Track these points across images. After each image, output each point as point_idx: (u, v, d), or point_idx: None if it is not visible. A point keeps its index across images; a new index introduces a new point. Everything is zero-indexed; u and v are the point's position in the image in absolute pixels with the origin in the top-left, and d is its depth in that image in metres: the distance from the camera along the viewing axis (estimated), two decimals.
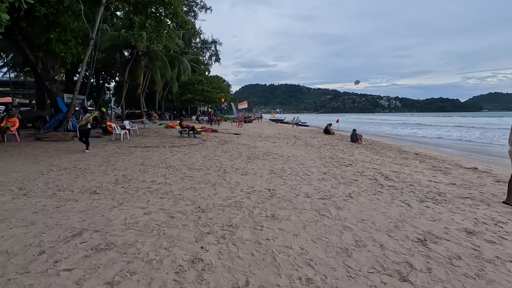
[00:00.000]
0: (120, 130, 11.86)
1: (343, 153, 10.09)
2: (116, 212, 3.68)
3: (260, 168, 6.91)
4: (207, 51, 56.63)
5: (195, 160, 7.77)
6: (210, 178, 5.73)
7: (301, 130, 24.85)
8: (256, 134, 17.69)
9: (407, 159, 9.47)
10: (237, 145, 11.27)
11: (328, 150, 10.79)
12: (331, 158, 8.87)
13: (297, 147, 11.53)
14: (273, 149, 10.59)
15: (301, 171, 6.61)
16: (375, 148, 12.63)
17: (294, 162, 7.90)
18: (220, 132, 17.45)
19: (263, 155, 8.92)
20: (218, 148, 10.20)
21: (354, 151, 11.00)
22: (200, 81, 40.07)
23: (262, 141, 13.21)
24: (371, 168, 7.35)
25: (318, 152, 10.11)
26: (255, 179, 5.70)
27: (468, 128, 33.20)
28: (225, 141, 12.46)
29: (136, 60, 25.19)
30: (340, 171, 6.77)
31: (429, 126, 37.56)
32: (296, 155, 9.25)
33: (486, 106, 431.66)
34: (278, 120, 55.53)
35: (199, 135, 14.89)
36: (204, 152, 9.25)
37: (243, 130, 21.53)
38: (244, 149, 10.27)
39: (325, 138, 16.30)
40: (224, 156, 8.48)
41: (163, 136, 13.53)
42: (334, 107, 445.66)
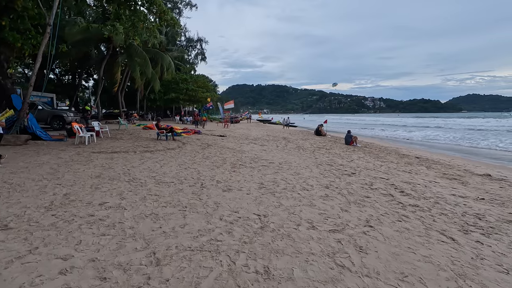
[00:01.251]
0: (85, 132, 10.25)
1: (341, 158, 8.94)
2: (12, 270, 2.28)
3: (247, 180, 5.60)
4: (192, 50, 54.88)
5: (168, 169, 6.37)
6: (181, 197, 4.37)
7: (291, 131, 23.72)
8: (243, 136, 16.38)
9: (412, 165, 8.43)
10: (221, 149, 9.92)
11: (324, 155, 9.62)
12: (329, 164, 7.68)
13: (289, 151, 10.30)
14: (262, 153, 9.32)
15: (298, 184, 5.36)
16: (373, 151, 11.60)
17: (288, 170, 6.65)
18: (203, 133, 16.01)
19: (251, 162, 7.63)
20: (199, 154, 8.82)
21: (352, 155, 9.89)
22: (184, 79, 38.36)
23: (249, 144, 11.91)
24: (378, 178, 6.20)
25: (313, 157, 8.91)
26: (240, 198, 4.39)
27: (457, 130, 33.20)
28: (208, 145, 11.08)
29: (113, 56, 23.33)
30: (345, 183, 5.57)
31: (421, 127, 37.37)
32: (288, 161, 8.02)
33: (465, 107, 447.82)
34: (265, 121, 54.39)
35: (179, 137, 13.42)
36: (181, 158, 7.85)
37: (229, 131, 20.16)
38: (228, 154, 8.94)
39: (318, 140, 15.19)
40: (205, 164, 7.12)
41: (137, 139, 11.98)
42: (321, 108, 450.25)
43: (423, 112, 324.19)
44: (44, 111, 14.41)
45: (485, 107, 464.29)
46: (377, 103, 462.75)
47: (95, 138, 10.75)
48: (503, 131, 27.37)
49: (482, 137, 21.76)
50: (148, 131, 15.33)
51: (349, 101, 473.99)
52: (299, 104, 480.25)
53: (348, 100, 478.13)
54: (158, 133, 11.91)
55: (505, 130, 28.47)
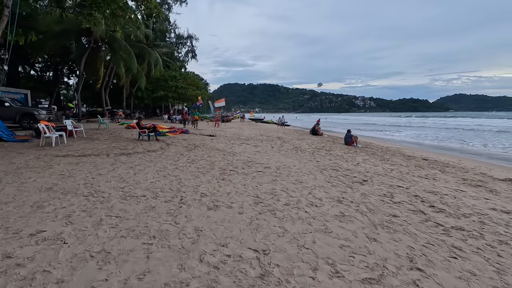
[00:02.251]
0: (53, 132, 8.94)
1: (345, 161, 7.93)
2: None
3: (240, 191, 4.51)
4: (182, 47, 53.34)
5: (143, 177, 5.22)
6: (151, 219, 3.25)
7: (285, 130, 22.67)
8: (234, 135, 15.25)
9: (423, 168, 7.51)
10: (209, 151, 8.79)
11: (325, 157, 8.61)
12: (334, 169, 6.65)
13: (286, 152, 9.25)
14: (256, 156, 8.23)
15: (303, 197, 4.30)
16: (376, 152, 10.67)
17: (288, 177, 5.59)
18: (192, 133, 14.80)
19: (243, 166, 6.53)
20: (183, 157, 7.66)
21: (356, 157, 8.91)
22: (173, 77, 36.88)
23: (241, 145, 10.81)
24: (396, 187, 5.21)
25: (314, 160, 7.88)
26: (230, 220, 3.30)
27: (450, 129, 32.93)
28: (195, 146, 9.91)
29: (96, 50, 21.81)
30: (359, 195, 4.54)
31: (417, 127, 37.02)
32: (287, 165, 6.96)
33: (452, 107, 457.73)
34: (258, 120, 53.28)
35: (164, 137, 12.20)
36: (162, 162, 6.69)
37: (220, 130, 18.98)
38: (218, 157, 7.82)
39: (315, 140, 14.19)
40: (188, 170, 5.99)
41: (116, 139, 10.71)
42: (312, 107, 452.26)
43: (413, 111, 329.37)
44: (11, 109, 12.92)
45: (471, 106, 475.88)
46: (368, 102, 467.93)
47: (66, 139, 9.43)
48: (500, 131, 27.11)
49: (478, 137, 21.29)
50: (131, 131, 14.02)
51: (340, 100, 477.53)
52: (290, 103, 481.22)
53: (339, 99, 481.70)
54: (140, 133, 10.67)
55: (498, 131, 28.27)
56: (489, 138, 20.76)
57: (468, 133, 25.73)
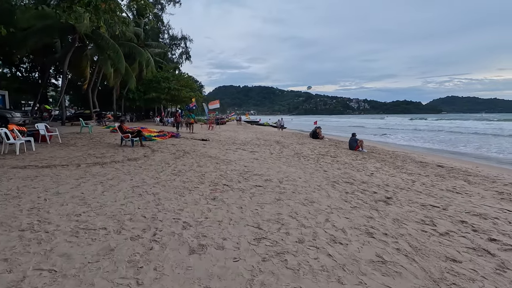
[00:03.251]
0: (18, 138, 7.73)
1: (356, 171, 6.89)
2: None
3: (235, 219, 3.42)
4: (176, 48, 52.21)
5: (112, 197, 4.09)
6: (99, 277, 2.14)
7: (283, 133, 21.51)
8: (229, 139, 14.14)
9: (445, 178, 6.52)
10: (200, 159, 7.68)
11: (332, 165, 7.56)
12: (347, 182, 5.60)
13: (287, 159, 8.18)
14: (254, 164, 7.15)
15: (320, 228, 3.23)
16: (385, 158, 9.68)
17: (294, 195, 4.52)
18: (182, 137, 13.64)
19: (239, 179, 5.45)
20: (169, 166, 6.54)
21: (367, 165, 7.89)
22: (166, 78, 35.70)
23: (237, 151, 9.71)
24: (429, 207, 4.18)
25: (320, 170, 6.82)
26: (220, 276, 2.20)
27: (449, 133, 32.34)
28: (185, 152, 8.78)
29: (81, 49, 20.53)
30: (391, 222, 3.49)
31: (415, 130, 36.29)
32: (291, 176, 5.89)
33: (445, 109, 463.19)
34: (253, 122, 52.25)
35: (151, 142, 11.05)
36: (141, 175, 5.56)
37: (214, 134, 17.86)
38: (210, 166, 6.71)
39: (316, 144, 13.15)
40: (172, 185, 4.88)
41: (95, 145, 9.53)
42: (307, 109, 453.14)
43: (406, 113, 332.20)
44: None
45: (463, 108, 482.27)
46: (362, 104, 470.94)
47: (34, 145, 8.21)
48: (496, 134, 26.50)
49: (482, 141, 20.57)
50: (115, 135, 12.81)
51: (334, 102, 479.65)
52: (285, 105, 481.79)
53: (333, 101, 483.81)
54: (122, 138, 9.50)
55: (494, 134, 27.67)
56: (487, 141, 20.03)
57: (459, 136, 25.05)
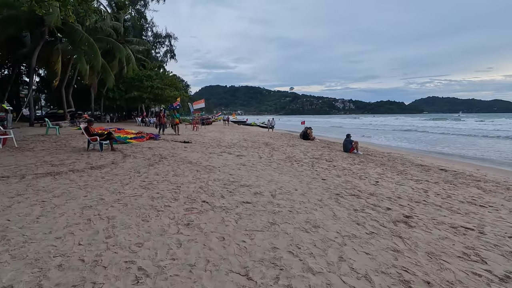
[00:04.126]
0: None
1: (358, 178, 6.02)
2: None
3: (213, 259, 2.42)
4: (160, 46, 50.49)
5: (49, 224, 3.00)
6: None
7: (271, 134, 20.40)
8: (214, 141, 13.07)
9: (456, 186, 5.78)
10: (178, 166, 6.60)
11: (330, 171, 6.67)
12: (352, 195, 4.69)
13: (278, 165, 7.23)
14: (241, 172, 6.16)
15: (333, 274, 2.28)
16: (383, 161, 8.92)
17: (292, 215, 3.56)
18: (162, 139, 12.45)
19: (223, 193, 4.45)
20: (139, 176, 5.44)
21: (367, 170, 7.06)
22: (149, 76, 34.11)
23: (222, 155, 8.68)
24: (461, 230, 3.33)
25: (318, 177, 5.91)
26: None
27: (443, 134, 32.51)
28: (161, 157, 7.67)
29: (52, 43, 18.86)
30: (426, 259, 2.59)
31: (403, 131, 36.24)
32: (284, 187, 4.94)
33: (426, 109, 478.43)
34: (240, 122, 51.18)
35: (126, 145, 9.84)
36: (100, 189, 4.45)
37: (199, 135, 16.71)
38: (188, 175, 5.66)
39: (308, 146, 12.27)
40: (136, 204, 3.81)
41: (58, 150, 8.25)
42: (294, 109, 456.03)
43: (390, 113, 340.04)
44: None
45: (443, 108, 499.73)
46: (347, 104, 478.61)
47: None
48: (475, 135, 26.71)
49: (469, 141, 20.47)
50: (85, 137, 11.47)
51: (320, 102, 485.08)
52: (272, 105, 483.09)
53: (319, 101, 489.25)
54: (89, 141, 8.26)
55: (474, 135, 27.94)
56: (470, 141, 19.94)
57: (439, 136, 25.06)
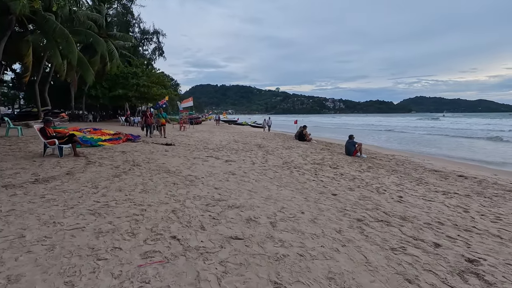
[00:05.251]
0: None
1: (375, 191, 4.85)
2: None
3: None
4: (148, 43, 48.54)
5: None
6: None
7: (265, 135, 18.92)
8: (201, 142, 11.75)
9: (496, 202, 4.71)
10: (151, 176, 5.29)
11: (339, 182, 5.48)
12: (377, 219, 3.49)
13: (275, 173, 6.02)
14: (229, 183, 4.91)
15: None
16: (393, 166, 7.83)
17: (303, 263, 2.34)
18: (142, 141, 11.05)
19: (203, 221, 3.20)
20: (94, 193, 4.10)
21: (381, 179, 5.92)
22: (135, 73, 32.35)
23: (208, 160, 7.40)
24: None
25: (325, 190, 4.72)
26: None
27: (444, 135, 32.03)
28: (134, 165, 6.33)
29: (21, 34, 17.09)
30: None
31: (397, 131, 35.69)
32: (287, 208, 3.73)
33: (414, 108, 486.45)
34: (231, 121, 49.71)
35: (97, 148, 8.44)
36: (32, 216, 3.11)
37: (185, 136, 15.33)
38: (160, 191, 4.36)
39: (305, 148, 11.07)
40: (69, 246, 2.50)
41: (6, 156, 6.79)
42: (285, 108, 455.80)
43: (379, 112, 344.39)
44: None
45: (430, 108, 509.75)
46: (337, 104, 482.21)
47: None
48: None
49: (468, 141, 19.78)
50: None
51: (311, 102, 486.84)
52: (263, 104, 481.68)
53: (310, 101, 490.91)
54: (46, 145, 6.83)
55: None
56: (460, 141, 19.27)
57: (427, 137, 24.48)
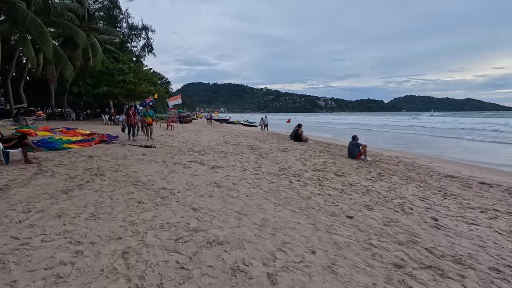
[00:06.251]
0: None
1: (400, 211, 3.79)
2: None
3: None
4: (137, 39, 46.68)
5: None
6: None
7: (257, 135, 17.64)
8: (187, 143, 10.56)
9: None
10: (113, 190, 4.11)
11: (351, 196, 4.40)
12: (425, 265, 2.41)
13: (270, 184, 4.91)
14: (213, 202, 3.78)
15: None
16: (404, 172, 6.85)
17: None
18: (117, 143, 9.78)
19: (167, 268, 2.07)
20: (20, 222, 2.92)
21: (399, 190, 4.88)
22: (121, 70, 30.72)
23: (191, 165, 6.25)
24: None
25: (336, 211, 3.65)
26: None
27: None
28: (97, 174, 5.12)
29: None
30: None
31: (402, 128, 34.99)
32: (290, 242, 2.63)
33: (404, 107, 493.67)
34: (222, 120, 48.31)
35: (62, 151, 7.16)
36: None
37: (171, 135, 14.08)
38: (116, 216, 3.17)
39: (303, 150, 9.98)
40: None
41: None
42: (277, 107, 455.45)
43: (370, 111, 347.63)
44: None
45: (420, 107, 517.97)
46: (329, 102, 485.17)
47: None
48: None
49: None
50: None
51: (303, 100, 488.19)
52: (255, 103, 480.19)
53: (302, 99, 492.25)
54: None
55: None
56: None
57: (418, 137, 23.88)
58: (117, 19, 41.27)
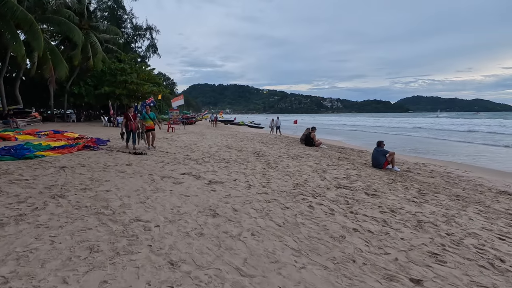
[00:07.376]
0: None
1: (489, 266, 2.49)
2: None
3: None
4: (141, 39, 46.02)
5: None
6: None
7: (263, 138, 16.40)
8: (185, 148, 9.36)
9: None
10: (59, 227, 2.90)
11: (401, 231, 3.11)
12: None
13: (284, 211, 3.65)
14: (201, 248, 2.54)
15: None
16: (445, 185, 5.51)
17: None
18: (104, 148, 8.62)
19: None
20: None
21: (460, 219, 3.57)
22: (123, 69, 29.80)
23: (183, 180, 5.02)
24: None
25: (391, 267, 2.37)
26: None
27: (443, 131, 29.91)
28: (56, 196, 3.92)
29: None
30: None
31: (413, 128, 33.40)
32: None
33: (411, 108, 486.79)
34: (227, 121, 47.14)
35: (31, 159, 6.01)
36: None
37: (169, 139, 12.91)
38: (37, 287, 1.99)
39: (318, 157, 8.64)
40: None
41: None
42: (282, 108, 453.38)
43: (376, 112, 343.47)
44: None
45: (427, 107, 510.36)
46: (335, 103, 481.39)
47: None
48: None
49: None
50: None
51: (309, 101, 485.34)
52: (261, 104, 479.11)
53: (308, 100, 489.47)
54: None
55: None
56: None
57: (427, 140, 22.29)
58: (121, 19, 40.66)
